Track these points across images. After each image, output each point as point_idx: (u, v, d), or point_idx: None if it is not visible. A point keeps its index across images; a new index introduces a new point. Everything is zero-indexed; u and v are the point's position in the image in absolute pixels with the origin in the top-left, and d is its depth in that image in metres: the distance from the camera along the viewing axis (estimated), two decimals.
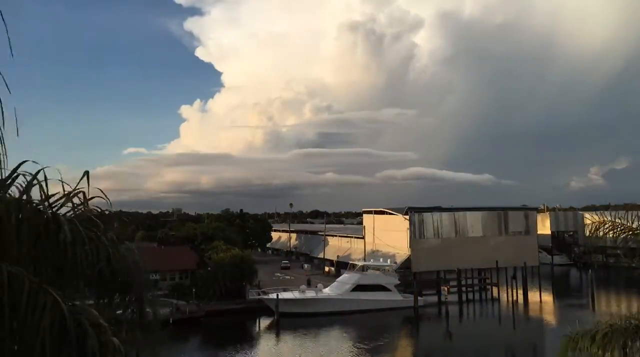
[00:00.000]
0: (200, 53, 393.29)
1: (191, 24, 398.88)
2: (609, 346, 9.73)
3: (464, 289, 69.92)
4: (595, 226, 12.23)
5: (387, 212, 78.86)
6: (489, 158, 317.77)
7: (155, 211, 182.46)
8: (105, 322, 4.51)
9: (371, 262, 67.01)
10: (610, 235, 11.96)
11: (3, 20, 3.92)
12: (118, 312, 5.52)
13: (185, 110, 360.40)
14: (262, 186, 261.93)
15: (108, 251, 5.07)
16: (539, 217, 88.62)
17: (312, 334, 52.54)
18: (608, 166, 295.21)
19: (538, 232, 78.64)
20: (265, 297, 58.78)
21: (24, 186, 5.01)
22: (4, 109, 4.33)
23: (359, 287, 60.87)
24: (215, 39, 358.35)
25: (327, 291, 61.50)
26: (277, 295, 57.86)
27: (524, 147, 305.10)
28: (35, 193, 5.08)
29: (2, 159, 4.62)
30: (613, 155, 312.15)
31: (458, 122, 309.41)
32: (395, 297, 62.23)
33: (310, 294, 60.31)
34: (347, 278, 63.18)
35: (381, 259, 67.50)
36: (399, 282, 64.89)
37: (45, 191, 5.06)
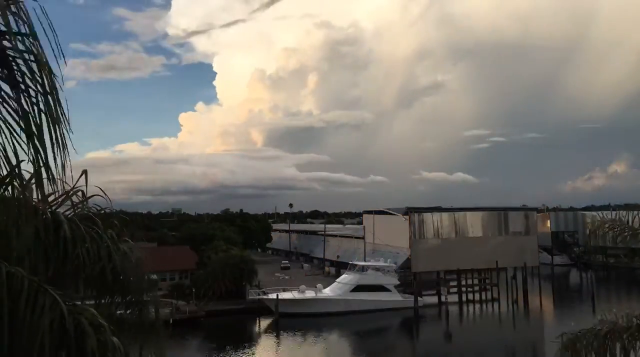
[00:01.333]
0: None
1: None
2: (610, 345, 9.69)
3: (464, 289, 69.91)
4: (596, 225, 12.21)
5: (387, 212, 78.84)
6: (493, 159, 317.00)
7: (155, 211, 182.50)
8: (106, 322, 4.49)
9: (371, 263, 66.96)
10: (611, 235, 11.94)
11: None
12: (119, 312, 5.50)
13: (194, 106, 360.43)
14: (259, 185, 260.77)
15: (109, 249, 5.04)
16: (539, 217, 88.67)
17: (312, 334, 52.53)
18: (609, 166, 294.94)
19: (538, 233, 78.64)
20: (265, 297, 58.74)
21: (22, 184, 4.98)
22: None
23: (358, 288, 60.83)
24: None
25: (327, 292, 61.48)
26: (277, 295, 57.83)
27: (528, 148, 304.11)
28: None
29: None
30: (615, 155, 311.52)
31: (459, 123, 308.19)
32: (395, 298, 62.20)
33: (310, 294, 60.30)
34: (347, 278, 63.14)
35: (381, 260, 67.46)
36: (398, 282, 64.88)
37: (44, 189, 5.03)
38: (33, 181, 4.96)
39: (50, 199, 5.16)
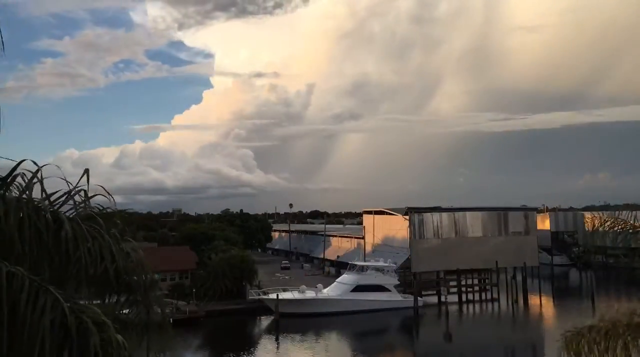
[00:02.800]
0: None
1: None
2: (611, 343, 9.68)
3: (464, 289, 69.90)
4: (598, 222, 12.21)
5: (387, 212, 78.84)
6: (491, 158, 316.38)
7: (155, 211, 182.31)
8: (109, 320, 4.49)
9: (371, 263, 66.96)
10: (612, 231, 11.95)
11: None
12: (124, 311, 5.49)
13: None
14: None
15: (111, 248, 5.04)
16: (539, 217, 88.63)
17: (312, 334, 52.52)
18: (609, 166, 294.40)
19: (538, 233, 78.62)
20: (265, 297, 58.70)
21: (24, 184, 4.99)
22: None
23: (358, 288, 60.82)
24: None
25: (327, 292, 61.46)
26: (277, 295, 57.81)
27: (527, 147, 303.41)
28: (36, 191, 5.06)
29: None
30: (614, 155, 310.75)
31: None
32: (394, 298, 62.20)
33: (310, 294, 60.29)
34: (346, 279, 63.13)
35: (381, 260, 67.47)
36: (398, 282, 64.86)
37: (44, 189, 5.04)
38: (35, 180, 4.98)
39: (52, 198, 5.17)
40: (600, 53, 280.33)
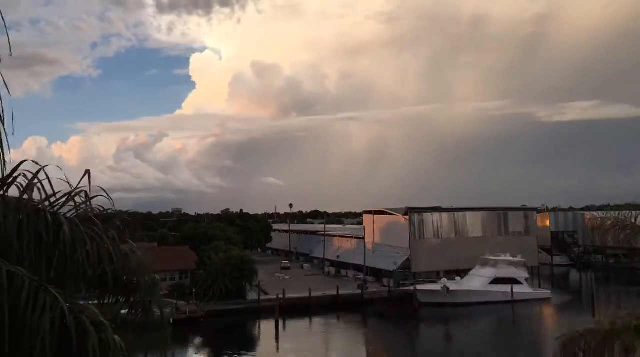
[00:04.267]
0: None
1: None
2: (609, 347, 9.66)
3: None
4: (599, 221, 12.23)
5: (387, 212, 78.81)
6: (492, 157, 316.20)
7: (155, 211, 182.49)
8: (107, 321, 4.48)
9: (503, 257, 67.18)
10: (612, 233, 11.96)
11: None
12: (123, 312, 5.49)
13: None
14: None
15: (110, 250, 5.03)
16: (539, 217, 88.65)
17: (452, 323, 56.52)
18: (608, 165, 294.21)
19: (538, 233, 78.62)
20: (406, 289, 61.69)
21: (24, 185, 4.99)
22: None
23: (496, 280, 63.16)
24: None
25: (466, 283, 63.63)
26: (415, 287, 61.26)
27: (527, 147, 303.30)
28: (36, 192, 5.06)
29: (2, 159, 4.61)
30: (613, 154, 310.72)
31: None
32: (527, 290, 64.44)
33: (453, 286, 62.41)
34: (482, 272, 64.82)
35: (508, 254, 67.44)
36: (528, 276, 66.62)
37: (44, 190, 5.04)
38: (36, 181, 4.97)
39: (53, 199, 5.17)
40: None
